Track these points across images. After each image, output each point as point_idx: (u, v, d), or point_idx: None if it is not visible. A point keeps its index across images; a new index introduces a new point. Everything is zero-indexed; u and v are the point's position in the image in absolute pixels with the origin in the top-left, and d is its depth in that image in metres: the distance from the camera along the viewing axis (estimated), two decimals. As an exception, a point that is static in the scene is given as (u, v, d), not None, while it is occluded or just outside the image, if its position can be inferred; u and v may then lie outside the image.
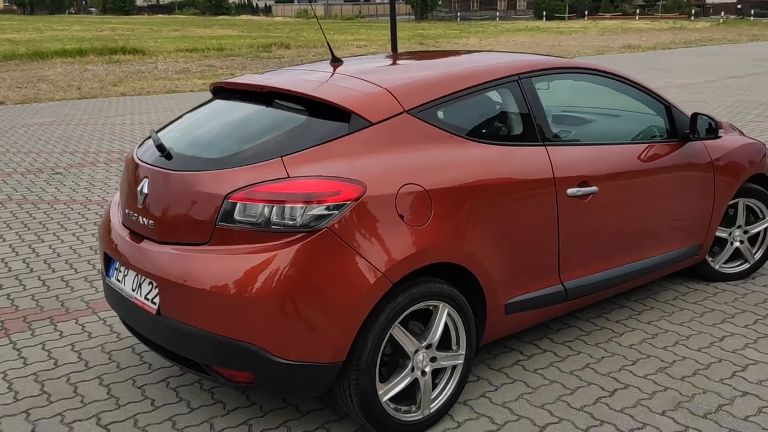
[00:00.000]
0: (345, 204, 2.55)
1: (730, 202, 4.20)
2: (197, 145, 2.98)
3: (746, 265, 4.41)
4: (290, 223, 2.52)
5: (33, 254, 5.06)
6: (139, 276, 2.84)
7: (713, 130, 3.79)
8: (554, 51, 24.80)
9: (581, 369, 3.36)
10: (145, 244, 2.83)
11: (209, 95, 3.49)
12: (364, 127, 2.77)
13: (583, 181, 3.27)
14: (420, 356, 2.80)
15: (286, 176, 2.59)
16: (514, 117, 3.22)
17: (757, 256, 4.42)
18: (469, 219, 2.85)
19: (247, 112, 3.11)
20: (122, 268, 2.97)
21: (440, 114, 2.98)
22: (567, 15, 56.23)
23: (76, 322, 3.95)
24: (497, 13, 65.56)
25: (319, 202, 2.52)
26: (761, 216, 4.40)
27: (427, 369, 2.83)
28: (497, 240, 2.96)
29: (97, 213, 6.10)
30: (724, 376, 3.27)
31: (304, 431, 2.90)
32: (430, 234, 2.72)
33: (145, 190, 2.86)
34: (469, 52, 3.87)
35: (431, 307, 2.80)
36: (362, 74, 3.10)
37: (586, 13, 58.07)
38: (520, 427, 2.90)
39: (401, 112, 2.86)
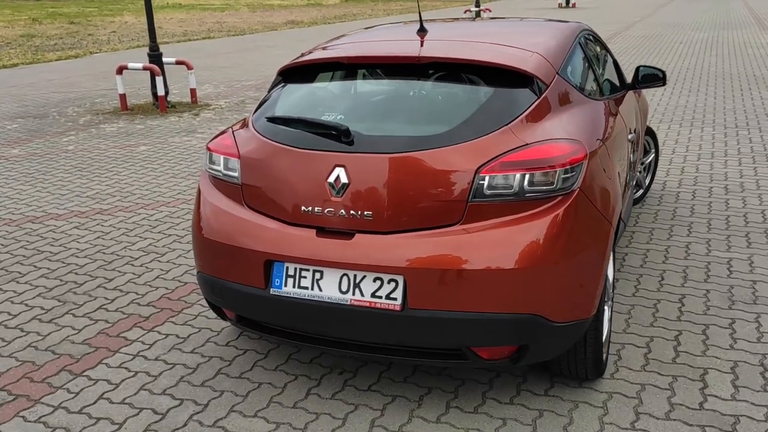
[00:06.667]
0: (581, 164, 2.64)
1: None
2: (380, 124, 2.72)
3: (641, 191, 5.39)
4: (547, 188, 2.53)
5: None
6: (354, 275, 2.55)
7: (660, 78, 4.51)
8: (219, 28, 24.50)
9: (660, 287, 3.91)
10: (363, 239, 2.54)
11: None
12: (544, 90, 2.85)
13: (631, 129, 3.76)
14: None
15: (525, 143, 2.58)
16: (592, 74, 3.54)
17: (647, 182, 5.44)
18: (616, 168, 3.14)
19: (407, 84, 2.89)
20: (308, 273, 2.60)
21: (569, 74, 3.17)
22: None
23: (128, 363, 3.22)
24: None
25: (563, 165, 2.57)
26: (649, 149, 5.40)
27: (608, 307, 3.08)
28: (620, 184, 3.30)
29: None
30: (726, 273, 4.08)
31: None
32: (616, 183, 2.96)
33: (344, 180, 2.55)
34: (498, 19, 4.03)
35: (606, 252, 3.04)
36: (491, 39, 3.11)
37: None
38: (660, 345, 3.32)
39: (556, 74, 2.99)
